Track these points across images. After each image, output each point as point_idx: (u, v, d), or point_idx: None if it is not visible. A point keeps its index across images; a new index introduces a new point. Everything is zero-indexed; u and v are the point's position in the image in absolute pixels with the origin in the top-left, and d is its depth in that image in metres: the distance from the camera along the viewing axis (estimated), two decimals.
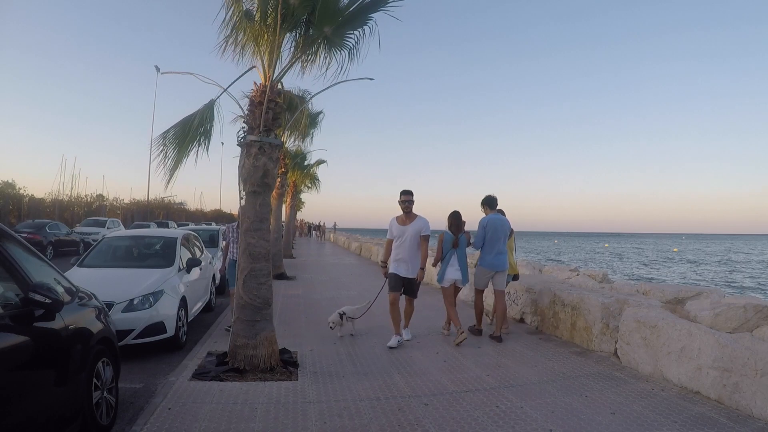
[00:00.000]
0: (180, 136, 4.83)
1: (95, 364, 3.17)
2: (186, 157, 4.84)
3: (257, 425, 3.37)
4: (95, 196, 34.79)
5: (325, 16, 4.66)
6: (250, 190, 4.68)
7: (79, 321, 3.06)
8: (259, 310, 4.61)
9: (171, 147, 4.83)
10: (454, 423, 3.46)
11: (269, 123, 4.74)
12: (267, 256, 4.73)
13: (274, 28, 4.64)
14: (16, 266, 2.59)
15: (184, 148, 4.81)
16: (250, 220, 4.66)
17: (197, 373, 4.47)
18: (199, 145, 4.88)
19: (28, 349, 2.48)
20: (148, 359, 5.17)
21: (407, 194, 5.61)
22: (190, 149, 4.84)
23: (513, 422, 3.49)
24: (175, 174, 4.86)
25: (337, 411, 3.66)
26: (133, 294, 5.32)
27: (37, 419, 2.50)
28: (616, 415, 3.61)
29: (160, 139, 4.86)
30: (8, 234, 2.77)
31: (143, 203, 37.02)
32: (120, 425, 3.43)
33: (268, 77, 4.81)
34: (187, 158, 4.85)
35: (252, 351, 4.52)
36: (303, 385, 4.26)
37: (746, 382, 3.61)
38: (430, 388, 4.23)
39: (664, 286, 7.00)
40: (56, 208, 27.42)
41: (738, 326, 4.79)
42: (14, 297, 2.53)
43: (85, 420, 2.96)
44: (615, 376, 4.60)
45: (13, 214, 24.31)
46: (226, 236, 6.66)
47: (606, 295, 5.75)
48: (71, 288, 3.28)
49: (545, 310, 6.49)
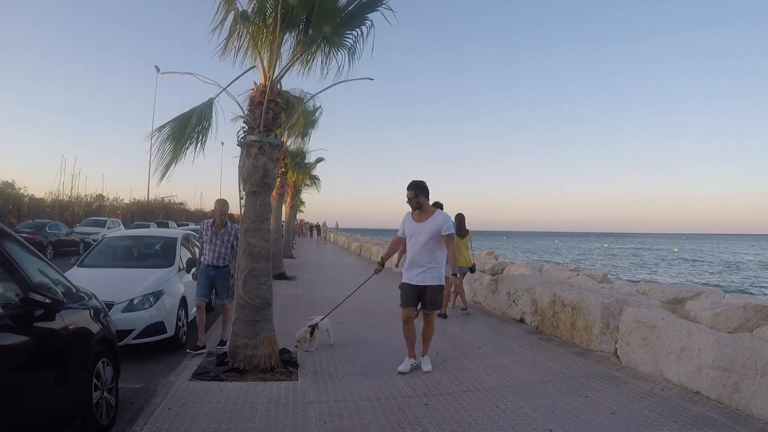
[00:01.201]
0: (177, 132, 4.80)
1: (95, 364, 3.17)
2: (183, 154, 4.82)
3: (257, 425, 3.37)
4: (95, 196, 34.81)
5: (324, 16, 4.66)
6: (250, 190, 4.68)
7: (79, 321, 3.06)
8: (259, 310, 4.61)
9: (168, 143, 4.81)
10: (454, 423, 3.46)
11: (269, 123, 4.74)
12: (267, 256, 4.73)
13: (274, 28, 4.65)
14: (16, 266, 2.59)
15: (181, 145, 4.78)
16: (250, 220, 4.66)
17: (197, 373, 4.47)
18: (196, 144, 4.85)
19: (28, 349, 2.48)
20: (148, 359, 5.17)
21: (411, 189, 4.69)
22: (187, 146, 4.81)
23: (513, 422, 3.48)
24: (170, 170, 4.85)
25: (337, 411, 3.66)
26: (133, 294, 5.32)
27: (37, 419, 2.50)
28: (616, 415, 3.61)
29: (156, 133, 4.84)
30: (8, 234, 2.77)
31: (143, 203, 37.01)
32: (120, 425, 3.43)
33: (268, 77, 4.81)
34: (184, 156, 4.83)
35: (252, 351, 4.52)
36: (303, 385, 4.26)
37: (746, 382, 3.61)
38: (430, 388, 4.23)
39: (664, 286, 6.99)
40: (56, 208, 27.42)
41: (738, 326, 4.79)
42: (14, 297, 2.53)
43: (85, 420, 2.95)
44: (615, 376, 4.59)
45: (13, 214, 24.31)
46: (200, 237, 5.56)
47: (606, 295, 5.75)
48: (71, 288, 3.28)
49: (545, 310, 6.49)
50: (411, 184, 4.70)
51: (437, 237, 4.60)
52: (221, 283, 5.42)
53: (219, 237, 5.38)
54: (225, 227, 5.44)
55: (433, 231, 4.58)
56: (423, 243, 4.59)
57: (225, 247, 5.40)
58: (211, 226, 5.45)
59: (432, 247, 4.60)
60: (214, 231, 5.41)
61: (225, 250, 5.40)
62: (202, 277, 5.41)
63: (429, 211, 4.70)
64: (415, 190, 4.66)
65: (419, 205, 4.68)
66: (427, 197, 4.72)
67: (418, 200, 4.66)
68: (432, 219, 4.63)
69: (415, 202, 4.67)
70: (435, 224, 4.59)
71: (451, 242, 4.66)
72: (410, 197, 4.67)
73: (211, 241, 5.38)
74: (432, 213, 4.68)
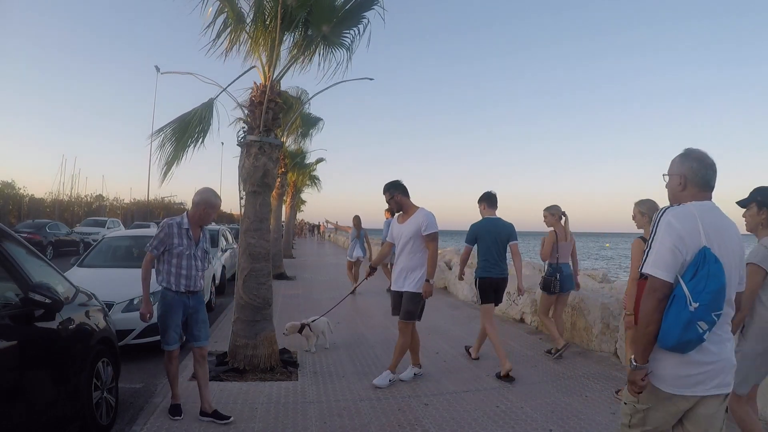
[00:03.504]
0: (178, 132, 4.83)
1: (95, 364, 3.17)
2: (183, 154, 4.85)
3: (257, 425, 3.37)
4: (95, 196, 34.81)
5: (322, 15, 4.71)
6: (250, 190, 4.68)
7: (79, 321, 3.06)
8: (259, 310, 4.61)
9: (169, 143, 4.84)
10: (454, 423, 3.46)
11: (269, 123, 4.75)
12: (267, 256, 4.74)
13: (273, 28, 4.66)
14: (16, 266, 2.59)
15: (182, 144, 4.81)
16: (250, 220, 4.67)
17: None
18: (195, 144, 4.88)
19: (28, 349, 2.48)
20: (148, 359, 5.17)
21: (386, 191, 4.42)
22: (188, 147, 4.84)
23: (513, 422, 3.49)
24: (172, 170, 4.87)
25: (337, 411, 3.66)
26: (133, 294, 5.31)
27: (37, 419, 2.50)
28: (616, 415, 3.61)
29: (157, 134, 4.87)
30: (8, 234, 2.77)
31: (143, 203, 37.02)
32: (120, 425, 3.43)
33: (268, 77, 4.81)
34: (185, 156, 4.86)
35: (252, 351, 4.52)
36: (303, 385, 4.26)
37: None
38: (430, 388, 4.23)
39: None
40: (56, 208, 27.42)
41: None
42: (14, 297, 2.53)
43: (85, 420, 2.95)
44: (615, 376, 4.60)
45: (13, 214, 24.31)
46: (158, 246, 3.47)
47: (606, 295, 5.76)
48: (71, 288, 3.28)
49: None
50: (384, 186, 4.44)
51: (418, 238, 4.23)
52: (201, 315, 3.60)
53: (199, 247, 3.62)
54: (201, 231, 3.67)
55: (413, 231, 4.23)
56: (403, 245, 4.30)
57: (203, 260, 3.65)
58: (187, 231, 3.52)
59: (413, 249, 4.25)
60: (193, 238, 3.56)
61: (204, 264, 3.67)
62: (173, 312, 3.46)
63: (411, 211, 4.37)
64: (390, 191, 4.38)
65: (399, 205, 4.40)
66: (406, 195, 4.40)
67: (396, 200, 4.37)
68: (413, 218, 4.29)
69: (394, 203, 4.39)
70: (415, 224, 4.25)
71: (431, 243, 4.21)
72: (387, 200, 4.41)
73: (189, 254, 3.50)
74: (414, 212, 4.34)
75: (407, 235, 4.27)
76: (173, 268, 3.44)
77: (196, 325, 3.55)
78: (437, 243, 4.26)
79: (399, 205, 4.40)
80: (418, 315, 4.30)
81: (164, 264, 3.46)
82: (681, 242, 1.80)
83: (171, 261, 3.45)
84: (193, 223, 3.56)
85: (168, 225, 3.49)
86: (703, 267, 1.75)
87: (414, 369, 4.52)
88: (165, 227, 3.47)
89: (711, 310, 1.73)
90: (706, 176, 1.95)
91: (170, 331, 3.45)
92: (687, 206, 1.90)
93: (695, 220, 1.83)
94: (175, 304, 3.44)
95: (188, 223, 3.53)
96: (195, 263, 3.52)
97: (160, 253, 3.46)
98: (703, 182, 1.95)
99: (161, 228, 3.48)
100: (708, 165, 1.96)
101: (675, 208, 1.92)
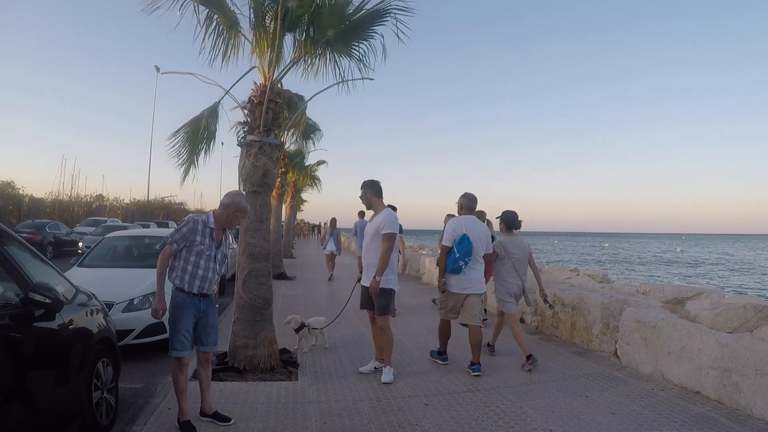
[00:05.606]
0: (191, 135, 5.23)
1: (95, 364, 3.17)
2: (197, 156, 5.29)
3: (257, 425, 3.37)
4: (95, 196, 34.88)
5: (326, 19, 4.69)
6: (250, 190, 4.68)
7: (79, 321, 3.06)
8: (259, 310, 4.61)
9: (184, 146, 5.25)
10: (454, 423, 3.46)
11: (269, 123, 4.75)
12: (267, 256, 4.74)
13: (273, 28, 4.65)
14: (16, 266, 2.59)
15: (195, 146, 5.24)
16: (250, 220, 4.66)
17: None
18: (206, 145, 5.28)
19: (28, 349, 2.48)
20: (148, 359, 5.17)
21: (361, 187, 4.65)
22: (199, 149, 5.27)
23: (513, 422, 3.49)
24: (191, 170, 5.33)
25: (337, 411, 3.66)
26: (133, 294, 5.32)
27: (37, 419, 2.50)
28: (616, 415, 3.61)
29: (172, 138, 5.24)
30: (8, 234, 2.77)
31: (143, 203, 37.05)
32: (120, 425, 3.43)
33: (268, 78, 4.81)
34: (198, 157, 5.31)
35: (252, 351, 4.52)
36: (303, 385, 4.26)
37: (746, 382, 3.61)
38: (430, 388, 4.23)
39: (664, 286, 6.99)
40: (56, 208, 27.45)
41: (738, 326, 4.79)
42: (14, 297, 2.53)
43: (85, 420, 2.95)
44: (615, 376, 4.60)
45: (13, 214, 24.32)
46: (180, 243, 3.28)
47: (606, 295, 5.76)
48: (71, 288, 3.28)
49: (545, 310, 6.49)
50: (362, 184, 4.66)
51: (379, 235, 4.39)
52: (211, 320, 3.42)
53: (221, 250, 3.46)
54: (225, 234, 3.51)
55: (375, 230, 4.44)
56: (368, 242, 4.51)
57: (221, 264, 3.49)
58: (211, 232, 3.35)
59: (377, 247, 4.40)
60: (215, 240, 3.39)
61: (221, 269, 3.52)
62: (185, 316, 3.26)
63: (378, 210, 4.55)
64: (364, 188, 4.60)
65: (369, 203, 4.61)
66: (377, 194, 4.57)
67: (367, 197, 4.58)
68: (378, 217, 4.50)
69: (365, 199, 4.61)
70: (376, 222, 4.46)
71: (386, 243, 4.34)
72: (360, 196, 4.64)
73: (209, 255, 3.33)
74: (381, 211, 4.53)
75: (371, 233, 4.51)
76: (190, 267, 3.25)
77: (204, 329, 3.37)
78: (392, 243, 4.38)
79: (369, 202, 4.61)
80: (392, 310, 4.55)
81: (181, 261, 3.26)
82: (454, 230, 4.72)
83: (189, 259, 3.25)
84: (219, 224, 3.37)
85: (193, 221, 3.28)
86: (462, 241, 4.64)
87: (375, 363, 4.69)
88: (190, 222, 3.27)
89: (464, 257, 4.60)
90: (471, 206, 4.87)
91: (179, 335, 3.22)
92: (459, 217, 4.88)
93: (461, 222, 4.76)
94: (186, 306, 3.24)
95: (214, 223, 3.35)
96: (213, 265, 3.35)
97: (179, 249, 3.25)
98: (468, 208, 4.87)
99: (185, 222, 3.28)
100: (472, 200, 4.88)
101: (456, 217, 4.97)
